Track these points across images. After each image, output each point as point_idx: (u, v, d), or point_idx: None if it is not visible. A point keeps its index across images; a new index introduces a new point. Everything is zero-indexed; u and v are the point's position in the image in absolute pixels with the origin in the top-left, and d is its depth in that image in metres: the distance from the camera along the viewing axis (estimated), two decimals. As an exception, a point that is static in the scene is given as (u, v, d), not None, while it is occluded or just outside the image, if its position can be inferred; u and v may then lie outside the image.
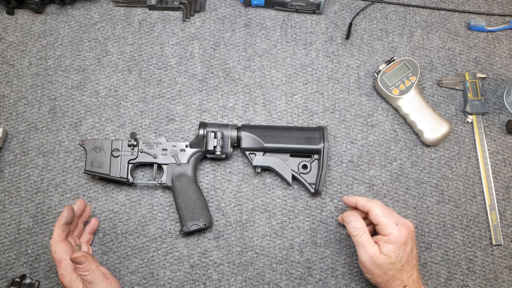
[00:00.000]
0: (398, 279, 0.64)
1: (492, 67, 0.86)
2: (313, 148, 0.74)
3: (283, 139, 0.75)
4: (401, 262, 0.63)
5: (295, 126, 0.79)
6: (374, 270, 0.64)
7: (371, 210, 0.66)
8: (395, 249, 0.63)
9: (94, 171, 0.74)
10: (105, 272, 0.66)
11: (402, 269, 0.64)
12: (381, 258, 0.63)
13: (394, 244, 0.63)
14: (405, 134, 0.81)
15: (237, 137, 0.75)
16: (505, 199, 0.78)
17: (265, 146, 0.74)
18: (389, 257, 0.63)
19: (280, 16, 0.88)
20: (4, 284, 0.73)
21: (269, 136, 0.75)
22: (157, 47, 0.86)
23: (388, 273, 0.64)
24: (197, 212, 0.72)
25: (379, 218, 0.65)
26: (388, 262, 0.63)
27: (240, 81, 0.84)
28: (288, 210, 0.76)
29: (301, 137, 0.75)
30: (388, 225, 0.64)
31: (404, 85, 0.80)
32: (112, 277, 0.67)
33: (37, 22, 0.88)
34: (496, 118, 0.82)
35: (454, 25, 0.88)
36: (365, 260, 0.64)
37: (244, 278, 0.73)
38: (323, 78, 0.84)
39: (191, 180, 0.74)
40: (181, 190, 0.73)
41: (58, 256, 0.64)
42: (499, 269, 0.74)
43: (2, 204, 0.77)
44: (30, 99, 0.83)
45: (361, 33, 0.87)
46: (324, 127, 0.76)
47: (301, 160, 0.75)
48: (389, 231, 0.64)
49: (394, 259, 0.63)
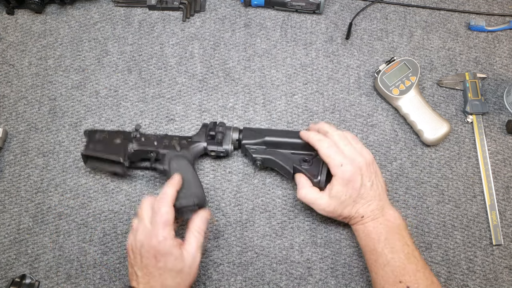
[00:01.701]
0: (354, 212, 0.67)
1: (492, 67, 0.86)
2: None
3: (284, 134, 0.75)
4: (351, 198, 0.66)
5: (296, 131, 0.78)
6: (331, 214, 0.68)
7: (319, 150, 0.68)
8: (342, 188, 0.66)
9: (92, 154, 0.72)
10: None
11: (355, 203, 0.67)
12: (331, 203, 0.67)
13: (339, 185, 0.66)
14: (405, 134, 0.81)
15: (238, 137, 0.75)
16: (505, 199, 0.78)
17: (266, 139, 0.74)
18: (338, 198, 0.66)
19: (280, 16, 0.88)
20: (4, 284, 0.73)
21: (270, 132, 0.76)
22: (157, 47, 0.86)
23: (344, 211, 0.67)
24: (191, 190, 0.69)
25: (325, 158, 0.68)
26: (339, 203, 0.67)
27: (240, 81, 0.84)
28: (288, 210, 0.76)
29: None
30: (332, 166, 0.67)
31: (404, 85, 0.80)
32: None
33: (37, 22, 0.88)
34: (496, 118, 0.82)
35: (454, 25, 0.89)
36: (321, 211, 0.69)
37: (244, 278, 0.73)
38: (323, 78, 0.84)
39: (189, 163, 0.72)
40: (177, 170, 0.70)
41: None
42: (499, 269, 0.74)
43: (2, 204, 0.77)
44: (30, 99, 0.83)
45: (361, 33, 0.87)
46: None
47: (302, 156, 0.74)
48: (334, 172, 0.67)
49: (344, 198, 0.66)
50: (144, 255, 0.61)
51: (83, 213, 0.76)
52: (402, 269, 0.63)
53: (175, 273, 0.61)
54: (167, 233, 0.61)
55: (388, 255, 0.64)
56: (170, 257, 0.61)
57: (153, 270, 0.61)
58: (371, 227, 0.66)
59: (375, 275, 0.65)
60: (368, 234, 0.66)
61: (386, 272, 0.64)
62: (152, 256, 0.61)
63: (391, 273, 0.63)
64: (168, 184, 0.66)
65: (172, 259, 0.61)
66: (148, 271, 0.61)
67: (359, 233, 0.68)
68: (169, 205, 0.63)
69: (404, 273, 0.63)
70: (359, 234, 0.68)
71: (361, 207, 0.67)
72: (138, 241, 0.62)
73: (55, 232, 0.75)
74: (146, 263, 0.61)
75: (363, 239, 0.67)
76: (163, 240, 0.61)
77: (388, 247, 0.64)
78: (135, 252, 0.63)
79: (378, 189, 0.68)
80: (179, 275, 0.62)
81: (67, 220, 0.76)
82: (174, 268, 0.61)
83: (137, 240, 0.62)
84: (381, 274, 0.64)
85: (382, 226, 0.66)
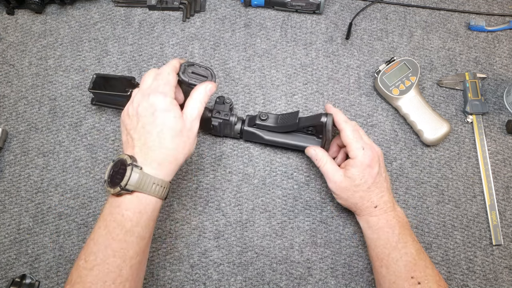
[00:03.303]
0: (367, 200, 0.67)
1: (492, 67, 0.86)
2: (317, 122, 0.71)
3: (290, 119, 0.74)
4: (367, 184, 0.66)
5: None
6: (341, 194, 0.68)
7: (342, 131, 0.69)
8: (360, 171, 0.66)
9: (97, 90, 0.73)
10: None
11: (369, 190, 0.67)
12: (345, 182, 0.67)
13: (358, 167, 0.66)
14: (405, 134, 0.81)
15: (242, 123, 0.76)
16: (505, 199, 0.78)
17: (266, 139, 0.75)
18: (353, 180, 0.66)
19: (280, 16, 0.88)
20: (4, 284, 0.73)
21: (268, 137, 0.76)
22: (157, 47, 0.86)
23: (355, 195, 0.67)
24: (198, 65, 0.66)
25: (347, 140, 0.68)
26: (353, 185, 0.66)
27: (240, 81, 0.84)
28: (288, 210, 0.76)
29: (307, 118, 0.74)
30: (354, 149, 0.67)
31: (404, 85, 0.80)
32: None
33: (37, 22, 0.88)
34: (496, 118, 0.82)
35: (454, 25, 0.89)
36: (332, 186, 0.69)
37: (244, 278, 0.73)
38: (323, 78, 0.84)
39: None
40: None
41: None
42: (499, 269, 0.74)
43: (2, 204, 0.77)
44: (30, 99, 0.83)
45: (361, 33, 0.87)
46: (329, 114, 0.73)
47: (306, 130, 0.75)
48: (354, 154, 0.67)
49: (359, 181, 0.66)
50: (142, 113, 0.57)
51: (83, 213, 0.76)
52: (413, 265, 0.63)
53: (174, 133, 0.58)
54: (167, 90, 0.59)
55: (402, 249, 0.64)
56: (169, 114, 0.57)
57: (151, 128, 0.57)
58: (385, 220, 0.66)
59: (386, 270, 0.64)
60: (381, 227, 0.66)
61: (399, 266, 0.63)
62: (150, 113, 0.57)
63: (404, 268, 0.63)
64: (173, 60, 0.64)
65: (171, 116, 0.57)
66: (145, 131, 0.57)
67: (370, 225, 0.67)
68: (172, 69, 0.61)
69: (415, 269, 0.63)
70: (371, 225, 0.67)
71: (375, 196, 0.67)
72: (135, 102, 0.59)
73: (55, 232, 0.75)
74: (143, 123, 0.57)
75: (375, 232, 0.66)
76: (162, 96, 0.58)
77: (402, 242, 0.64)
78: (131, 115, 0.59)
79: (388, 183, 0.69)
80: (178, 136, 0.58)
81: (67, 220, 0.76)
82: (174, 127, 0.58)
83: (134, 102, 0.59)
84: (393, 268, 0.63)
85: (395, 221, 0.66)
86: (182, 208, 0.76)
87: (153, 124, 0.57)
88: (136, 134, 0.58)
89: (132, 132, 0.58)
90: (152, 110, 0.58)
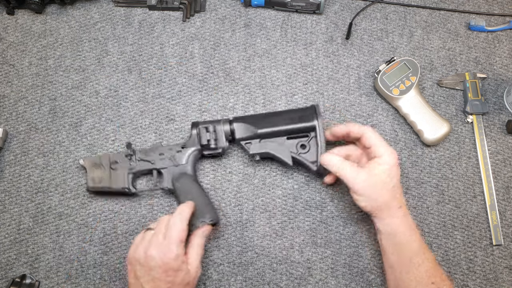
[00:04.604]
0: (393, 199, 0.65)
1: (492, 67, 0.86)
2: (308, 125, 0.73)
3: (276, 122, 0.74)
4: (392, 182, 0.65)
5: (287, 110, 0.77)
6: (369, 193, 0.65)
7: (365, 133, 0.68)
8: (388, 169, 0.65)
9: (96, 186, 0.73)
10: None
11: (394, 189, 0.66)
12: (371, 179, 0.65)
13: (387, 164, 0.65)
14: (405, 134, 0.81)
15: (230, 130, 0.74)
16: (505, 199, 0.78)
17: (259, 132, 0.73)
18: (380, 177, 0.65)
19: (280, 16, 0.88)
20: (4, 284, 0.73)
21: (261, 121, 0.74)
22: (157, 47, 0.86)
23: (383, 193, 0.65)
24: (202, 209, 0.71)
25: (373, 140, 0.67)
26: (381, 181, 0.65)
27: (240, 81, 0.84)
28: (288, 210, 0.76)
29: (294, 116, 0.74)
30: (382, 146, 0.66)
31: (404, 85, 0.80)
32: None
33: (37, 22, 0.88)
34: (496, 118, 0.82)
35: (454, 25, 0.89)
36: (359, 187, 0.65)
37: (244, 278, 0.73)
38: (323, 78, 0.84)
39: (191, 179, 0.73)
40: (183, 190, 0.72)
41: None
42: (499, 269, 0.74)
43: (2, 204, 0.77)
44: (30, 99, 0.83)
45: (361, 33, 0.87)
46: (316, 104, 0.74)
47: (298, 141, 0.74)
48: (383, 151, 0.66)
49: (385, 179, 0.65)
50: (155, 269, 0.61)
51: (83, 213, 0.76)
52: (434, 270, 0.63)
53: (182, 286, 0.63)
54: (180, 251, 0.62)
55: (423, 255, 0.63)
56: (180, 273, 0.62)
57: (162, 284, 0.61)
58: (406, 223, 0.65)
59: (406, 275, 0.63)
60: (404, 231, 0.65)
61: (420, 272, 0.63)
62: (163, 271, 0.61)
63: (425, 273, 0.62)
64: (184, 204, 0.67)
65: (182, 274, 0.62)
66: (155, 285, 0.61)
67: (393, 228, 0.65)
68: (185, 223, 0.64)
69: (435, 275, 0.63)
70: (394, 229, 0.65)
71: (400, 196, 0.66)
72: (149, 255, 0.62)
73: (55, 232, 0.75)
74: (155, 277, 0.61)
75: (398, 236, 0.65)
76: (176, 258, 0.62)
77: (422, 247, 0.64)
78: (143, 264, 0.62)
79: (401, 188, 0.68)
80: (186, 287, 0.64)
81: (67, 220, 0.76)
82: (183, 282, 0.63)
83: (147, 254, 0.62)
84: (414, 273, 0.63)
85: (414, 225, 0.66)
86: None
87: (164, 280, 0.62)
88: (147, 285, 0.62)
89: (143, 281, 0.62)
90: (165, 268, 0.61)
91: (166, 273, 0.61)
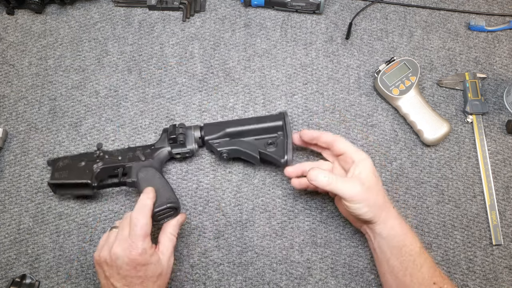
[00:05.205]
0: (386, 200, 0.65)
1: (492, 67, 0.86)
2: (275, 124, 0.73)
3: (245, 122, 0.75)
4: (379, 185, 0.65)
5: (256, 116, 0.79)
6: (365, 197, 0.63)
7: (337, 141, 0.68)
8: (372, 170, 0.65)
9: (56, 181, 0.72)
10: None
11: (383, 190, 0.66)
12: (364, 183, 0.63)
13: (367, 170, 0.64)
14: (405, 134, 0.81)
15: (200, 134, 0.75)
16: (505, 199, 0.78)
17: (227, 131, 0.74)
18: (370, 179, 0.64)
19: (280, 16, 0.88)
20: (4, 284, 0.73)
21: (231, 123, 0.75)
22: (157, 47, 0.86)
23: (378, 195, 0.64)
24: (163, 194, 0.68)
25: (346, 147, 0.67)
26: (372, 183, 0.64)
27: (240, 81, 0.84)
28: (288, 210, 0.76)
29: (262, 118, 0.75)
30: (356, 151, 0.66)
31: (404, 85, 0.80)
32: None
33: (37, 22, 0.88)
34: (496, 118, 0.82)
35: (454, 25, 0.89)
36: (354, 194, 0.62)
37: (244, 278, 0.73)
38: (323, 78, 0.84)
39: (155, 170, 0.72)
40: (145, 179, 0.70)
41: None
42: (499, 269, 0.74)
43: (2, 204, 0.77)
44: (30, 99, 0.83)
45: (361, 33, 0.87)
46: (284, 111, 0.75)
47: (267, 139, 0.74)
48: (359, 156, 0.66)
49: (374, 180, 0.65)
50: (122, 267, 0.61)
51: (83, 213, 0.76)
52: (434, 270, 0.63)
53: (155, 278, 0.63)
54: (146, 245, 0.62)
55: (423, 254, 0.63)
56: (150, 266, 0.62)
57: (134, 279, 0.61)
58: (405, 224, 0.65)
59: (410, 278, 0.62)
60: (406, 232, 0.64)
61: (423, 273, 0.62)
62: (132, 267, 0.61)
63: (427, 274, 0.62)
64: (144, 195, 0.66)
65: (152, 267, 0.62)
66: (127, 282, 0.61)
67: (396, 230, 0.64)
68: (148, 216, 0.63)
69: (435, 274, 0.63)
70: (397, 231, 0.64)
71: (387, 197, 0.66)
72: (113, 253, 0.61)
73: (55, 232, 0.75)
74: (125, 274, 0.61)
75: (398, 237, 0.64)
76: (143, 252, 0.61)
77: (422, 247, 0.64)
78: (110, 264, 0.62)
79: None
80: (159, 278, 0.63)
81: (67, 220, 0.76)
82: (154, 274, 0.62)
83: (112, 253, 0.61)
84: (416, 276, 0.62)
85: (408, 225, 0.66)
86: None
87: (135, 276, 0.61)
88: (118, 283, 0.61)
89: (113, 281, 0.62)
90: (133, 265, 0.61)
91: (135, 269, 0.61)
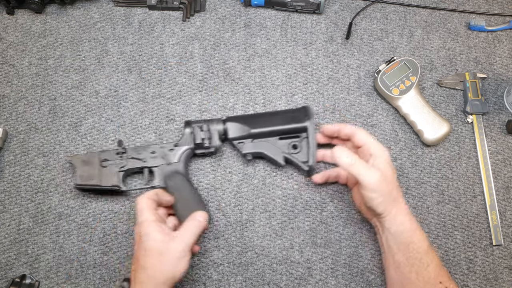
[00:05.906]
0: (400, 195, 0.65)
1: (492, 67, 0.86)
2: (299, 126, 0.74)
3: (269, 122, 0.75)
4: (394, 177, 0.65)
5: (279, 110, 0.79)
6: (381, 188, 0.62)
7: (357, 132, 0.68)
8: (389, 163, 0.65)
9: (84, 183, 0.72)
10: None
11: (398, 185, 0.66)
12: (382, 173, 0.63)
13: (387, 158, 0.65)
14: (405, 134, 0.81)
15: (223, 129, 0.75)
16: (505, 199, 0.78)
17: (252, 132, 0.74)
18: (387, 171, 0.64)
19: (280, 16, 0.88)
20: (4, 284, 0.73)
21: (254, 121, 0.75)
22: (157, 47, 0.86)
23: (393, 188, 0.64)
24: (194, 208, 0.70)
25: (366, 139, 0.67)
26: (389, 175, 0.64)
27: (240, 81, 0.84)
28: (288, 210, 0.76)
29: (286, 117, 0.75)
30: (375, 143, 0.66)
31: (404, 85, 0.80)
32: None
33: (37, 22, 0.88)
34: (496, 118, 0.82)
35: (454, 25, 0.88)
36: (372, 182, 0.62)
37: (244, 278, 0.73)
38: (323, 78, 0.84)
39: (183, 177, 0.73)
40: (175, 188, 0.72)
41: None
42: (499, 269, 0.74)
43: (2, 204, 0.77)
44: (30, 99, 0.83)
45: (361, 33, 0.87)
46: (307, 106, 0.76)
47: (290, 141, 0.75)
48: (377, 148, 0.66)
49: (390, 172, 0.65)
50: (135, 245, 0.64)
51: (83, 213, 0.76)
52: (440, 269, 0.63)
53: (155, 254, 0.61)
54: (145, 216, 0.63)
55: (431, 254, 0.63)
56: (148, 237, 0.62)
57: (137, 253, 0.63)
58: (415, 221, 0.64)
59: (415, 276, 0.62)
60: (414, 229, 0.64)
61: (429, 272, 0.62)
62: (137, 241, 0.63)
63: (433, 273, 0.62)
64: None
65: (151, 239, 0.62)
66: (134, 256, 0.64)
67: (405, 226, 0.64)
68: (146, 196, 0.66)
69: (442, 274, 0.63)
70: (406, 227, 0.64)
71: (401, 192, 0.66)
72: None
73: (55, 232, 0.75)
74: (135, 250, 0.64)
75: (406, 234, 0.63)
76: (141, 222, 0.63)
77: (430, 246, 0.64)
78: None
79: None
80: (158, 258, 0.61)
81: (67, 220, 0.76)
82: (153, 249, 0.61)
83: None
84: (423, 274, 0.62)
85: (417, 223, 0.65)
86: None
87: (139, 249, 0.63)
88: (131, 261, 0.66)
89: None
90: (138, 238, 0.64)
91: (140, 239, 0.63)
